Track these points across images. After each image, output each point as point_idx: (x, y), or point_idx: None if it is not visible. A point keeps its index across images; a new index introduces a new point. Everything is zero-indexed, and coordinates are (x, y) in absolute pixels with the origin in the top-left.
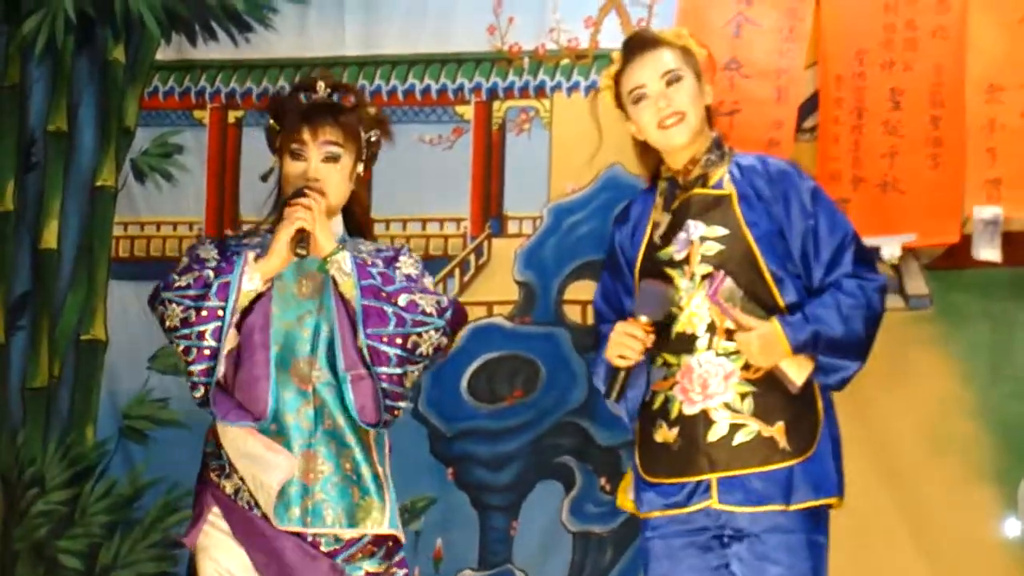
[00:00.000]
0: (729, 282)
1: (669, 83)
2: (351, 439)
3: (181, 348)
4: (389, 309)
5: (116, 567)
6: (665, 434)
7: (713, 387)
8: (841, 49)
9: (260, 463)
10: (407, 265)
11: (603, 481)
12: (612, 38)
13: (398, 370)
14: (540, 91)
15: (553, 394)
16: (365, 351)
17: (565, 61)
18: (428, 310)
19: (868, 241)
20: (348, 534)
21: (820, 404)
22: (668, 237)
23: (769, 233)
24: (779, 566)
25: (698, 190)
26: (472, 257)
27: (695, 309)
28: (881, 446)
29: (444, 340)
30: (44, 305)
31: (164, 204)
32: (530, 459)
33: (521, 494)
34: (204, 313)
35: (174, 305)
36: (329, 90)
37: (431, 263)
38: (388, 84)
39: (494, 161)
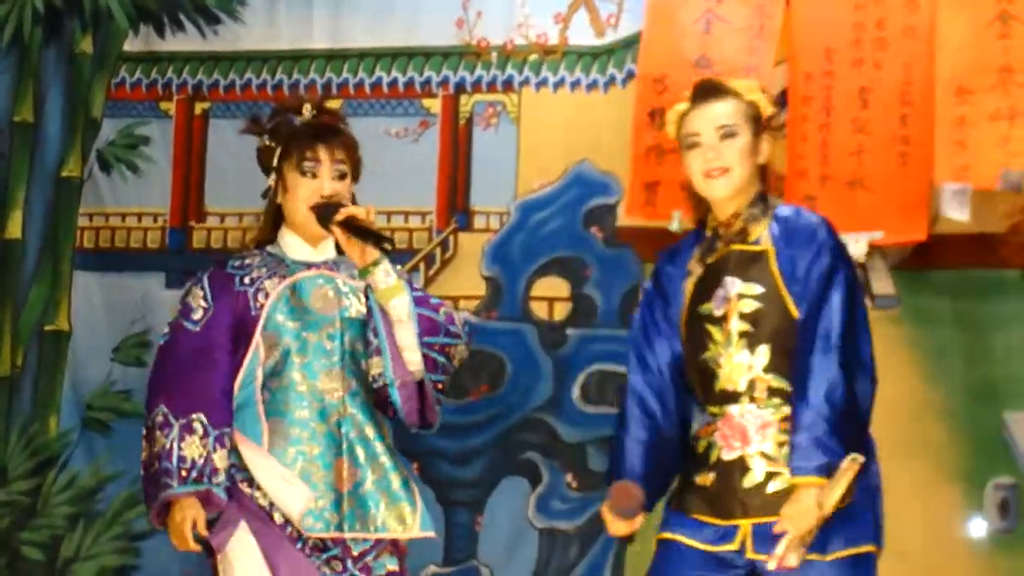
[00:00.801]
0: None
1: (723, 137)
2: (379, 446)
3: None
4: (439, 319)
5: (78, 559)
6: (704, 477)
7: (752, 436)
8: (810, 47)
9: (278, 496)
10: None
11: (569, 478)
12: (581, 34)
13: (443, 377)
14: (508, 86)
15: (519, 390)
16: (419, 360)
17: (534, 56)
18: (459, 323)
19: None
20: (381, 535)
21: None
22: (708, 293)
23: (800, 286)
24: None
25: (737, 246)
26: (438, 251)
27: (736, 365)
28: None
29: (465, 354)
30: (7, 295)
31: (129, 195)
32: (496, 455)
33: (486, 490)
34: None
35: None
36: (314, 111)
37: (396, 256)
38: (355, 77)
39: (461, 155)
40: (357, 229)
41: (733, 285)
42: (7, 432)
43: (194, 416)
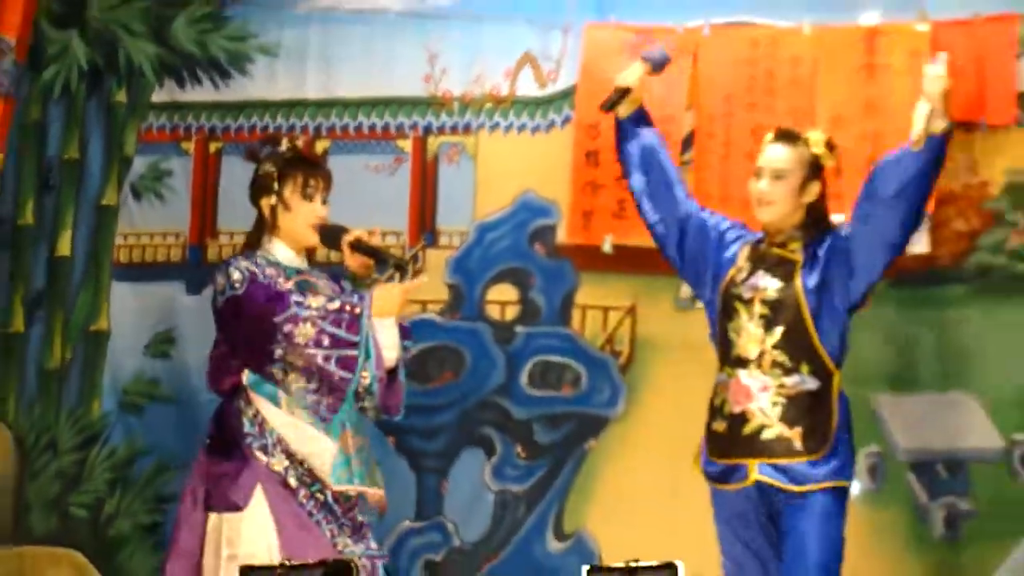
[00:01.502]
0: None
1: (774, 177)
2: (365, 422)
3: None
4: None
5: (117, 517)
6: (719, 425)
7: (754, 394)
8: (713, 94)
9: (309, 451)
10: None
11: (519, 449)
12: (527, 86)
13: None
14: (467, 129)
15: (476, 377)
16: (395, 356)
17: (488, 105)
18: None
19: None
20: (362, 490)
21: (836, 413)
22: (745, 280)
23: (817, 289)
24: (806, 526)
25: (776, 250)
26: (410, 264)
27: (752, 338)
28: None
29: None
30: (58, 301)
31: (156, 218)
32: (457, 430)
33: (450, 459)
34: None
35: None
36: (291, 145)
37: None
38: (342, 121)
39: (428, 186)
40: (365, 249)
41: (763, 279)
42: (58, 414)
43: None
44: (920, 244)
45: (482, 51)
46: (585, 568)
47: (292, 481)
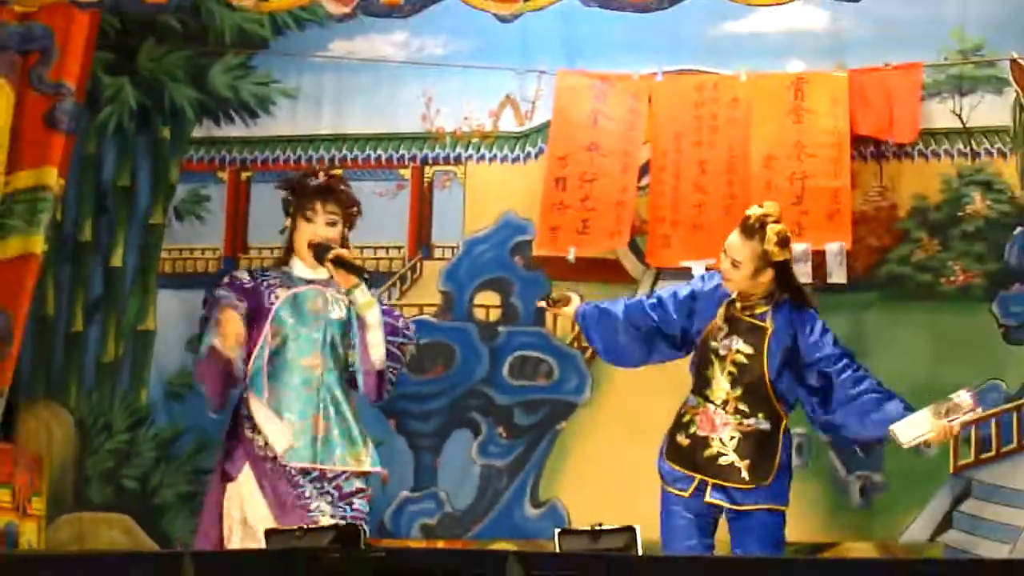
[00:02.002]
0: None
1: (731, 265)
2: (345, 408)
3: None
4: (399, 325)
5: (161, 487)
6: (682, 440)
7: (717, 426)
8: (665, 132)
9: (271, 435)
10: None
11: (500, 429)
12: (507, 123)
13: (398, 365)
14: (457, 160)
15: (465, 369)
16: (382, 353)
17: (475, 139)
18: (411, 330)
19: (683, 263)
20: (344, 467)
21: (780, 451)
22: (721, 337)
23: (779, 355)
24: (749, 537)
25: (747, 317)
26: (409, 273)
27: (721, 388)
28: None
29: (413, 350)
30: (112, 305)
31: (195, 236)
32: (449, 414)
33: (442, 439)
34: None
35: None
36: (327, 176)
37: (380, 276)
38: (352, 153)
39: (424, 207)
40: (343, 264)
41: (737, 342)
42: (112, 400)
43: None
44: (839, 276)
45: (470, 94)
46: (557, 531)
47: (270, 452)
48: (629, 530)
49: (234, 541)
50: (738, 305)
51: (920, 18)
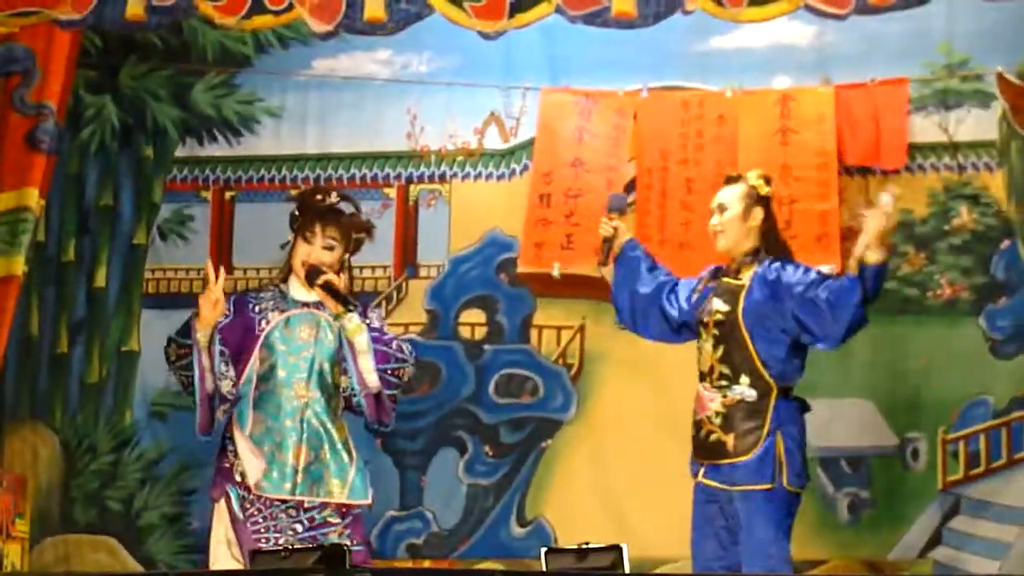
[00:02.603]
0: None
1: (720, 211)
2: (335, 436)
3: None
4: (391, 351)
5: (146, 509)
6: (693, 430)
7: (707, 406)
8: (651, 149)
9: (246, 465)
10: (375, 319)
11: (487, 448)
12: (492, 141)
13: (396, 391)
14: (443, 178)
15: (451, 388)
16: (375, 379)
17: (460, 157)
18: (406, 351)
19: None
20: (327, 499)
21: (768, 422)
22: (705, 305)
23: (756, 315)
24: (747, 518)
25: (727, 279)
26: (395, 292)
27: (706, 354)
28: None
29: (412, 372)
30: (96, 327)
31: (179, 255)
32: (435, 433)
33: (429, 457)
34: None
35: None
36: (338, 198)
37: (366, 296)
38: (337, 172)
39: (410, 226)
40: (331, 291)
41: (715, 303)
42: (96, 421)
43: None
44: None
45: (455, 112)
46: (543, 550)
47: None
48: (616, 549)
49: (220, 562)
50: (722, 271)
51: (906, 33)
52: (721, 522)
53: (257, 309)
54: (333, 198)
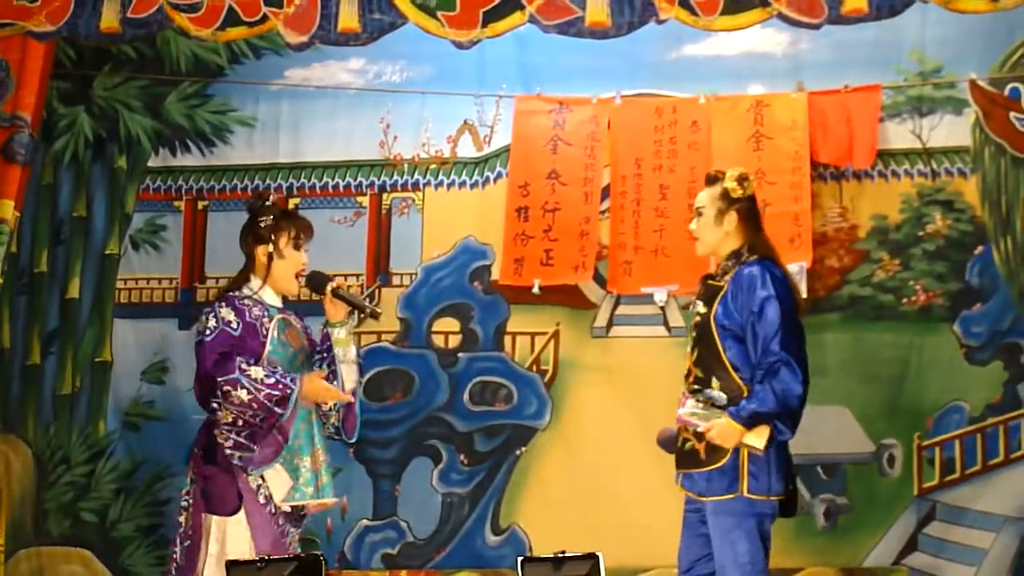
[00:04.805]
0: (691, 402)
1: (697, 215)
2: (325, 441)
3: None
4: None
5: (121, 520)
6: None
7: (685, 417)
8: (625, 156)
9: (269, 481)
10: None
11: (462, 457)
12: (466, 149)
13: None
14: (415, 186)
15: (424, 396)
16: (352, 388)
17: (433, 166)
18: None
19: (644, 290)
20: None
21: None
22: (693, 308)
23: (727, 314)
24: (714, 530)
25: (712, 282)
26: (368, 300)
27: (687, 357)
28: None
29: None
30: (69, 337)
31: (152, 265)
32: (408, 441)
33: (402, 466)
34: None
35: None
36: (275, 199)
37: None
38: (310, 181)
39: (383, 234)
40: (344, 297)
41: (698, 306)
42: (70, 433)
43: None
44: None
45: (428, 120)
46: (519, 559)
47: (264, 493)
48: (592, 557)
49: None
50: (710, 275)
51: (879, 41)
52: (703, 530)
53: (250, 315)
54: (287, 204)
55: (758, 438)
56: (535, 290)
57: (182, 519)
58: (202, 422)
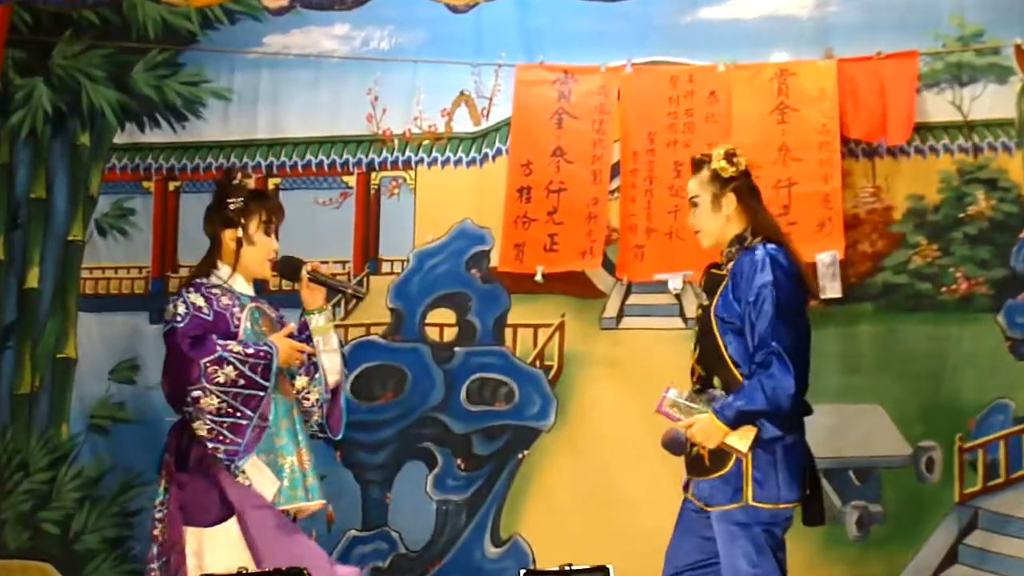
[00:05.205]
0: (671, 392)
1: (692, 206)
2: (308, 438)
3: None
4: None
5: (85, 532)
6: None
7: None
8: (636, 131)
9: (256, 481)
10: None
11: (459, 461)
12: (462, 124)
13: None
14: (407, 164)
15: (417, 394)
16: (334, 378)
17: (426, 141)
18: None
19: (658, 276)
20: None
21: None
22: (699, 300)
23: (726, 306)
24: (721, 540)
25: (715, 271)
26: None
27: (692, 355)
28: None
29: None
30: (28, 331)
31: (120, 253)
32: (400, 444)
33: (393, 471)
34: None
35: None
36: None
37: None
38: (291, 160)
39: (371, 217)
40: (322, 281)
41: (702, 297)
42: (29, 436)
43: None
44: (833, 290)
45: (420, 92)
46: (522, 571)
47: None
48: (601, 570)
49: None
50: (713, 270)
51: (915, 3)
52: (707, 532)
53: (221, 304)
54: (258, 181)
55: (741, 439)
56: (538, 278)
57: (157, 532)
58: (176, 421)
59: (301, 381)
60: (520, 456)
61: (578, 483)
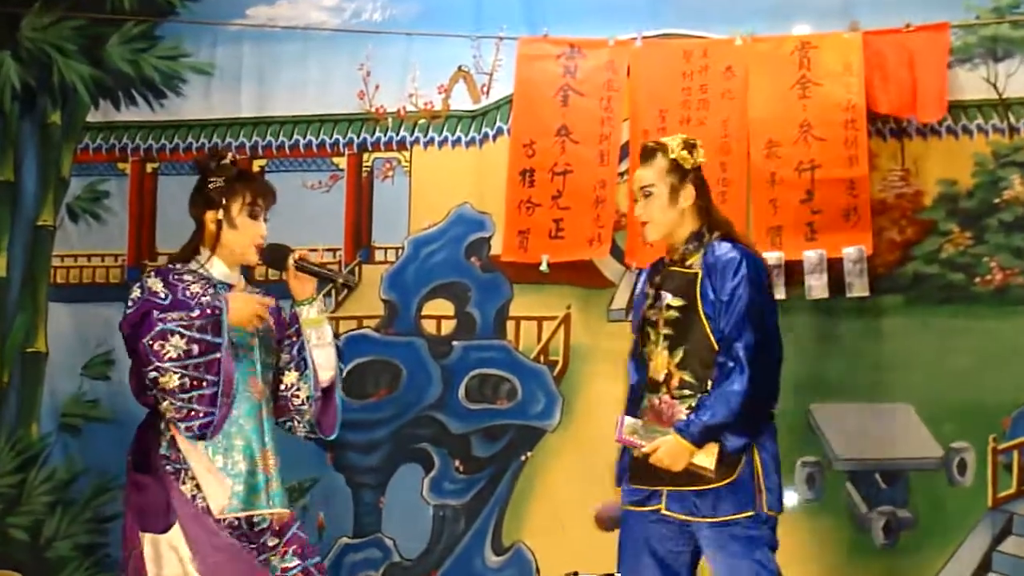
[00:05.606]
0: (628, 420)
1: (644, 196)
2: (275, 442)
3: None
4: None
5: (57, 538)
6: (638, 451)
7: (665, 418)
8: (647, 108)
9: (205, 487)
10: None
11: (457, 463)
12: (460, 101)
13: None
14: (401, 145)
15: (413, 392)
16: (328, 375)
17: (422, 120)
18: None
19: None
20: (275, 512)
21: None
22: (653, 303)
23: (707, 304)
24: (723, 555)
25: (676, 269)
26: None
27: (660, 360)
28: None
29: None
30: None
31: (94, 239)
32: (394, 445)
33: (387, 474)
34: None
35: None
36: (233, 159)
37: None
38: (277, 140)
39: (364, 202)
40: (310, 269)
41: (667, 298)
42: None
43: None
44: (860, 288)
45: (415, 67)
46: None
47: (200, 505)
48: None
49: None
50: (666, 262)
51: None
52: (674, 547)
53: (188, 293)
54: (242, 163)
55: (707, 456)
56: (543, 267)
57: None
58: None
59: (290, 377)
60: (523, 458)
61: (585, 487)
